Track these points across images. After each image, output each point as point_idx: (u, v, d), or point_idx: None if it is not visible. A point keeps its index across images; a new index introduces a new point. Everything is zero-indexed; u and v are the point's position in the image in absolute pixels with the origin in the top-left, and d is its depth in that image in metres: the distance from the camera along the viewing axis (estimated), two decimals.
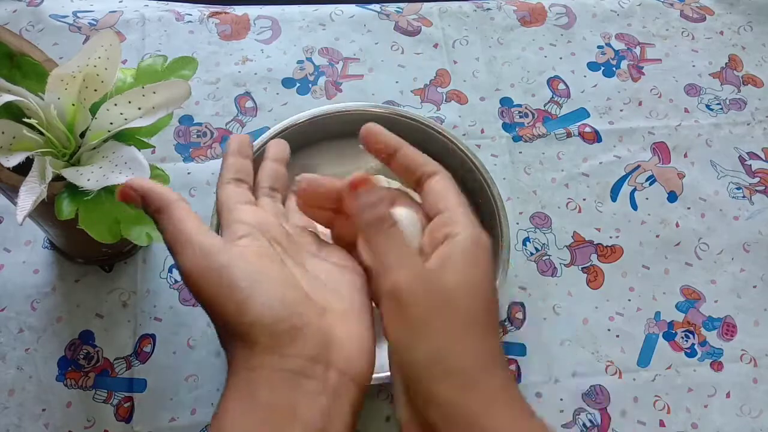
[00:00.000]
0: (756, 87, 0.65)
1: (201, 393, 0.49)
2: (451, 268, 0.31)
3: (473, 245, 0.32)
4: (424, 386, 0.30)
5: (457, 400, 0.29)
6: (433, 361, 0.29)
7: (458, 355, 0.30)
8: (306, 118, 0.54)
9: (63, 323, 0.50)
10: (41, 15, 0.61)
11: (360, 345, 0.32)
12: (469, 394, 0.29)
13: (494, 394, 0.30)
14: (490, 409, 0.29)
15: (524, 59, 0.64)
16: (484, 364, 0.30)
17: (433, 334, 0.30)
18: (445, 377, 0.29)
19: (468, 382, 0.30)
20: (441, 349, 0.30)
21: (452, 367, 0.30)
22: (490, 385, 0.30)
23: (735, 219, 0.59)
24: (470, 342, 0.30)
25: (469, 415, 0.29)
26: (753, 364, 0.53)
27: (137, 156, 0.38)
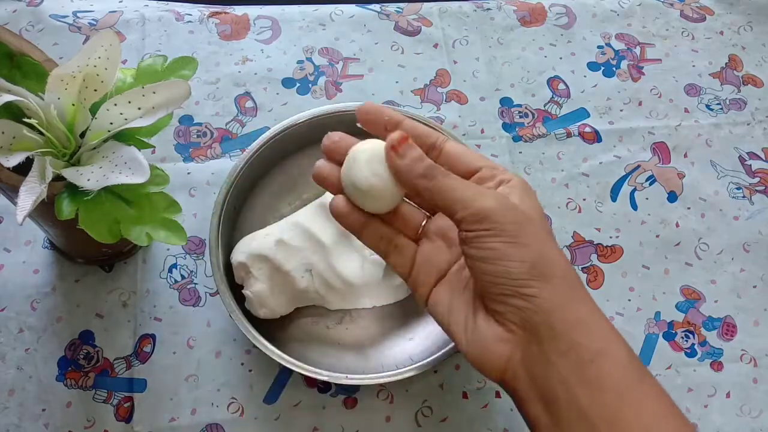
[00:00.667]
0: (756, 87, 0.65)
1: (201, 393, 0.49)
2: (518, 199, 0.36)
3: (526, 186, 0.38)
4: (525, 290, 0.33)
5: (562, 302, 0.33)
6: (535, 265, 0.33)
7: (556, 260, 0.34)
8: (306, 118, 0.54)
9: (63, 323, 0.50)
10: (41, 15, 0.61)
11: None
12: (574, 294, 0.34)
13: (590, 301, 0.34)
14: (594, 313, 0.34)
15: (524, 59, 0.64)
16: (574, 272, 0.35)
17: (530, 244, 0.33)
18: (549, 279, 0.33)
19: (572, 285, 0.34)
20: (542, 254, 0.34)
21: (555, 270, 0.33)
22: (585, 292, 0.34)
23: (735, 219, 0.59)
24: (558, 251, 0.35)
25: (576, 317, 0.33)
26: (753, 364, 0.53)
27: (137, 156, 0.38)
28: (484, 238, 0.33)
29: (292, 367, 0.45)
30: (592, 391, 0.31)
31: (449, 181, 0.34)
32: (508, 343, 0.34)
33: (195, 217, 0.54)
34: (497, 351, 0.34)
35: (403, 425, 0.49)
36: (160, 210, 0.41)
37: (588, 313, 0.34)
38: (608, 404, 0.31)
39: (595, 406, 0.31)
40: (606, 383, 0.32)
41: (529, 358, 0.33)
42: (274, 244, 0.49)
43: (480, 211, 0.33)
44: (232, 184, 0.50)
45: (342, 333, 0.51)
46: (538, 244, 0.34)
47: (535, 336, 0.33)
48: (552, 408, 0.32)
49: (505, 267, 0.33)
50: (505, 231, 0.33)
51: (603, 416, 0.31)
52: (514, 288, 0.33)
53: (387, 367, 0.48)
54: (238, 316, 0.46)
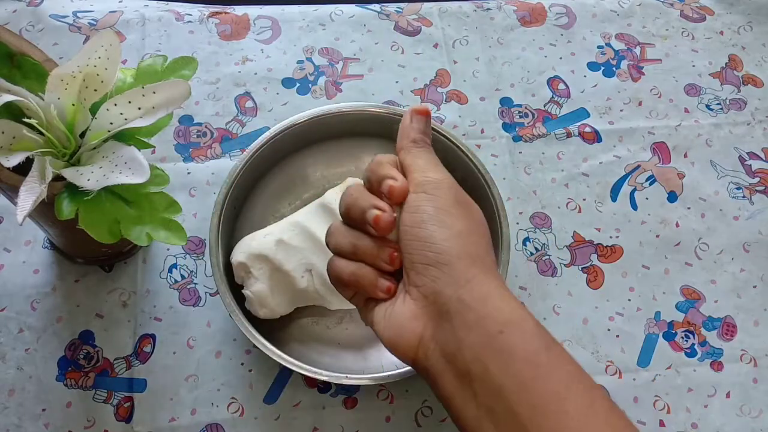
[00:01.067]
0: (756, 87, 0.65)
1: (201, 393, 0.49)
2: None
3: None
4: (445, 258, 0.34)
5: (472, 277, 0.34)
6: (457, 239, 0.35)
7: (477, 241, 0.36)
8: (306, 118, 0.54)
9: (63, 323, 0.50)
10: (41, 15, 0.61)
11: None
12: (485, 271, 0.35)
13: (500, 280, 0.36)
14: (502, 289, 0.35)
15: (524, 59, 0.64)
16: (492, 258, 0.37)
17: (460, 221, 0.36)
18: (467, 256, 0.35)
19: (485, 264, 0.35)
20: (467, 232, 0.36)
21: (473, 249, 0.35)
22: (496, 273, 0.36)
23: (735, 219, 0.59)
24: (484, 239, 0.37)
25: (485, 292, 0.34)
26: (753, 364, 0.53)
27: (137, 156, 0.38)
28: (424, 201, 0.36)
29: (292, 367, 0.45)
30: (503, 361, 0.32)
31: (423, 152, 0.39)
32: (420, 320, 0.35)
33: (195, 217, 0.54)
34: (411, 328, 0.35)
35: (403, 425, 0.49)
36: (160, 210, 0.41)
37: (498, 289, 0.35)
38: (518, 373, 0.32)
39: (507, 376, 0.32)
40: (515, 353, 0.32)
41: (441, 332, 0.34)
42: (274, 244, 0.49)
43: (427, 179, 0.37)
44: (232, 184, 0.50)
45: (342, 333, 0.51)
46: (466, 224, 0.36)
47: (445, 310, 0.34)
48: (466, 382, 0.33)
49: (431, 232, 0.35)
50: (442, 200, 0.36)
51: (514, 385, 0.32)
52: (434, 256, 0.34)
53: (387, 367, 0.48)
54: (238, 316, 0.46)
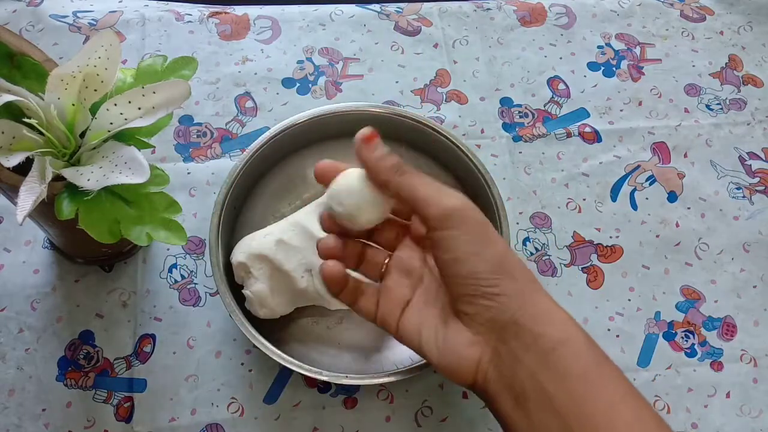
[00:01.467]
0: (756, 87, 0.65)
1: (201, 393, 0.49)
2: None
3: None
4: (493, 289, 0.34)
5: (524, 298, 0.35)
6: (499, 264, 0.35)
7: (515, 260, 0.36)
8: (306, 118, 0.54)
9: (63, 323, 0.50)
10: (41, 15, 0.61)
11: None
12: (534, 289, 0.35)
13: (548, 295, 0.36)
14: (553, 305, 0.35)
15: (524, 59, 0.64)
16: (530, 270, 0.37)
17: (494, 244, 0.35)
18: (512, 278, 0.35)
19: (531, 281, 0.36)
20: (504, 253, 0.36)
21: (515, 268, 0.35)
22: (542, 287, 0.36)
23: (735, 219, 0.59)
24: (513, 251, 0.38)
25: (538, 310, 0.35)
26: (753, 364, 0.53)
27: (137, 156, 0.38)
28: (453, 238, 0.35)
29: (292, 367, 0.45)
30: (557, 379, 0.33)
31: (416, 178, 0.36)
32: (478, 346, 0.35)
33: (195, 217, 0.54)
34: (468, 355, 0.35)
35: (403, 425, 0.49)
36: (160, 210, 0.41)
37: (547, 305, 0.35)
38: (572, 390, 0.33)
39: (561, 393, 0.33)
40: (568, 370, 0.33)
41: (498, 357, 0.34)
42: (274, 244, 0.49)
43: (447, 209, 0.35)
44: (232, 184, 0.50)
45: (342, 333, 0.51)
46: (500, 244, 0.36)
47: (502, 334, 0.34)
48: (521, 401, 0.33)
49: (473, 266, 0.35)
50: (471, 230, 0.35)
51: (567, 401, 0.32)
52: (481, 288, 0.35)
53: (387, 367, 0.48)
54: (238, 316, 0.46)
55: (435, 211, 0.35)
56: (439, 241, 0.35)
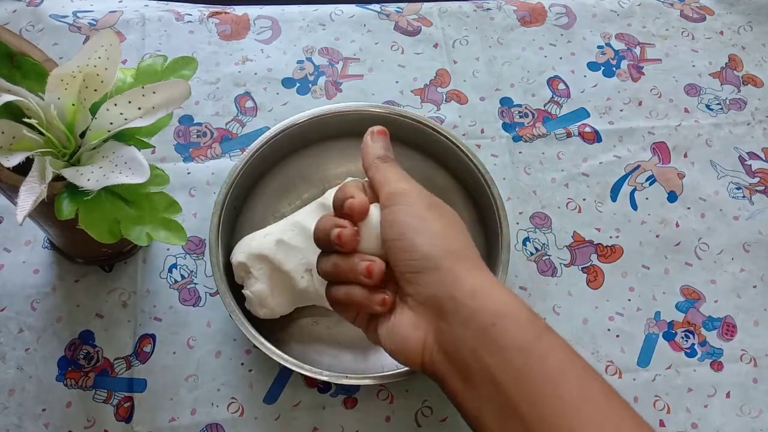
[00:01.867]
0: (756, 87, 0.65)
1: (201, 393, 0.49)
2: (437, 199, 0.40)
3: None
4: (432, 263, 0.35)
5: (462, 273, 0.35)
6: (439, 241, 0.36)
7: (458, 238, 0.37)
8: (306, 118, 0.54)
9: (63, 323, 0.50)
10: (41, 15, 0.61)
11: None
12: (473, 266, 0.36)
13: (489, 273, 0.37)
14: (492, 282, 0.36)
15: (524, 59, 0.64)
16: (476, 251, 0.38)
17: (436, 223, 0.37)
18: (451, 254, 0.36)
19: (472, 259, 0.37)
20: (445, 232, 0.37)
21: (456, 246, 0.36)
22: (484, 267, 0.37)
23: (735, 219, 0.59)
24: (462, 233, 0.38)
25: (473, 285, 0.35)
26: (753, 364, 0.53)
27: (137, 156, 0.38)
28: (398, 213, 0.37)
29: (292, 367, 0.45)
30: (498, 353, 0.33)
31: (390, 166, 0.40)
32: (421, 327, 0.36)
33: (195, 217, 0.54)
34: (413, 337, 0.36)
35: (403, 425, 0.49)
36: (160, 210, 0.41)
37: (486, 281, 0.36)
38: (513, 362, 0.33)
39: (502, 367, 0.33)
40: (508, 342, 0.33)
41: (440, 336, 0.35)
42: (274, 244, 0.49)
43: (397, 190, 0.38)
44: (232, 184, 0.50)
45: (342, 333, 0.51)
46: (442, 224, 0.37)
47: (441, 312, 0.35)
48: (467, 378, 0.34)
49: (412, 240, 0.36)
50: (415, 208, 0.37)
51: (510, 376, 0.32)
52: (420, 263, 0.36)
53: (387, 367, 0.48)
54: (238, 316, 0.46)
55: (386, 189, 0.38)
56: (387, 217, 0.37)
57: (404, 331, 0.36)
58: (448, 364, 0.35)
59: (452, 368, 0.35)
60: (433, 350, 0.35)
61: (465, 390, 0.34)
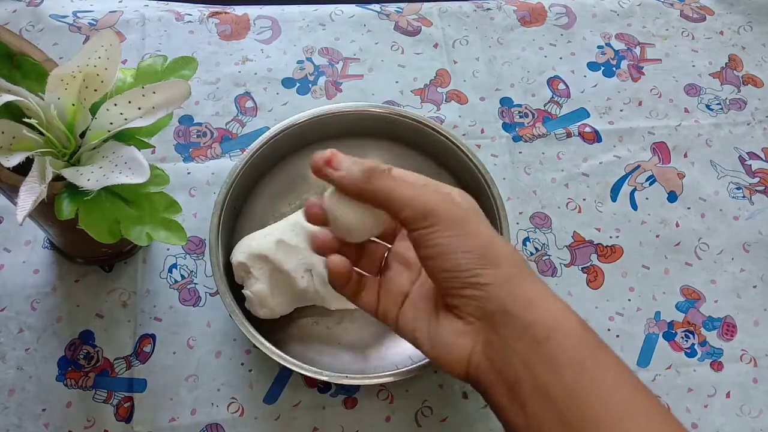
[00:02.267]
0: (756, 87, 0.65)
1: (201, 393, 0.49)
2: (459, 197, 0.38)
3: (465, 193, 0.39)
4: (478, 279, 0.34)
5: (512, 286, 0.34)
6: (482, 254, 0.34)
7: (501, 248, 0.35)
8: (306, 118, 0.54)
9: (63, 323, 0.50)
10: (41, 15, 0.61)
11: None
12: (523, 277, 0.35)
13: (540, 282, 0.35)
14: (545, 292, 0.35)
15: (524, 59, 0.64)
16: (520, 257, 0.36)
17: (474, 234, 0.35)
18: (496, 266, 0.34)
19: (520, 269, 0.35)
20: (486, 243, 0.35)
21: (501, 256, 0.35)
22: (533, 274, 0.35)
23: (735, 219, 0.59)
24: (501, 239, 0.36)
25: (528, 297, 0.34)
26: (753, 364, 0.53)
27: (137, 156, 0.38)
28: (432, 235, 0.34)
29: (292, 367, 0.45)
30: (551, 368, 0.32)
31: (389, 182, 0.35)
32: (468, 336, 0.35)
33: (195, 217, 0.54)
34: (460, 345, 0.35)
35: (403, 425, 0.49)
36: (160, 210, 0.41)
37: (538, 292, 0.35)
38: (567, 379, 0.32)
39: (555, 382, 0.32)
40: (562, 358, 0.32)
41: (489, 346, 0.34)
42: (274, 244, 0.49)
43: (423, 208, 0.35)
44: (232, 184, 0.50)
45: (342, 333, 0.51)
46: (481, 235, 0.35)
47: (491, 323, 0.34)
48: (515, 392, 0.33)
49: (454, 260, 0.34)
50: (449, 225, 0.35)
51: (563, 391, 0.32)
52: (465, 279, 0.34)
53: (387, 367, 0.48)
54: (238, 316, 0.46)
55: (410, 213, 0.35)
56: (418, 239, 0.35)
57: (449, 339, 0.35)
58: (495, 376, 0.34)
59: (499, 381, 0.34)
60: (479, 361, 0.34)
61: (513, 404, 0.33)
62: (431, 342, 0.36)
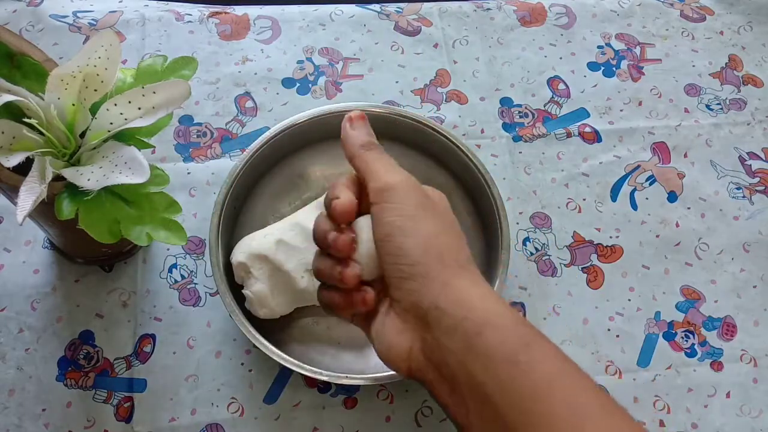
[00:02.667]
0: (756, 87, 0.65)
1: (201, 393, 0.49)
2: (430, 191, 0.38)
3: (441, 194, 0.39)
4: (418, 269, 0.34)
5: (448, 282, 0.34)
6: (429, 246, 0.34)
7: (451, 244, 0.35)
8: (306, 118, 0.54)
9: (63, 323, 0.50)
10: (41, 15, 0.61)
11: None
12: (462, 274, 0.34)
13: (480, 280, 0.35)
14: (480, 289, 0.34)
15: (524, 59, 0.64)
16: (470, 257, 0.36)
17: (427, 224, 0.35)
18: (440, 261, 0.34)
19: (462, 267, 0.35)
20: (437, 235, 0.35)
21: (447, 253, 0.35)
22: (476, 274, 0.35)
23: (735, 219, 0.59)
24: (456, 236, 0.36)
25: (463, 295, 0.33)
26: (753, 364, 0.53)
27: (137, 156, 0.38)
28: (386, 212, 0.35)
29: (292, 367, 0.45)
30: (485, 365, 0.32)
31: (375, 155, 0.37)
32: (407, 334, 0.35)
33: (195, 217, 0.54)
34: (399, 344, 0.35)
35: (403, 425, 0.49)
36: (160, 210, 0.41)
37: (473, 288, 0.34)
38: (499, 374, 0.31)
39: (489, 378, 0.31)
40: (495, 354, 0.32)
41: (425, 345, 0.34)
42: (274, 244, 0.49)
43: (386, 185, 0.36)
44: (232, 184, 0.50)
45: (342, 333, 0.51)
46: (433, 224, 0.35)
47: (426, 322, 0.34)
48: (454, 387, 0.33)
49: (400, 244, 0.34)
50: (404, 208, 0.35)
51: (499, 389, 0.31)
52: (404, 267, 0.34)
53: (386, 367, 0.48)
54: (238, 316, 0.46)
55: (375, 184, 0.36)
56: (375, 216, 0.35)
57: (390, 337, 0.35)
58: (435, 373, 0.34)
59: (439, 377, 0.34)
60: (419, 359, 0.34)
61: (452, 399, 0.33)
62: (378, 340, 0.36)
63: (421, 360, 0.34)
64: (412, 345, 0.35)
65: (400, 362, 0.35)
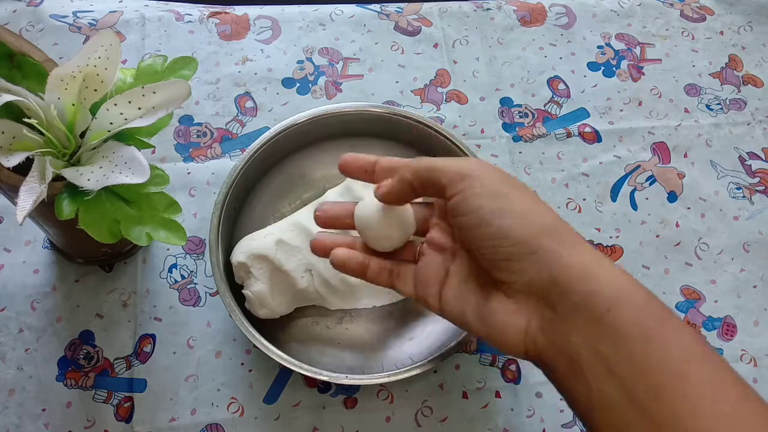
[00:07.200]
0: (756, 87, 0.65)
1: (201, 393, 0.49)
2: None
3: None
4: (524, 248, 0.32)
5: (563, 254, 0.32)
6: (527, 219, 0.33)
7: (546, 213, 0.34)
8: (306, 118, 0.54)
9: (63, 323, 0.50)
10: (41, 15, 0.61)
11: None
12: (574, 243, 0.33)
13: (592, 248, 0.33)
14: (600, 259, 0.32)
15: (524, 59, 0.64)
16: (566, 223, 0.34)
17: (517, 198, 0.33)
18: (545, 233, 0.32)
19: (569, 234, 0.33)
20: (531, 207, 0.33)
21: (548, 222, 0.33)
22: (583, 241, 0.33)
23: (735, 219, 0.59)
24: (545, 205, 0.34)
25: (582, 267, 0.32)
26: (753, 364, 0.53)
27: (137, 156, 0.38)
28: (470, 199, 0.33)
29: (292, 367, 0.45)
30: (614, 343, 0.30)
31: (429, 160, 0.36)
32: (522, 314, 0.33)
33: (195, 217, 0.54)
34: (514, 325, 0.33)
35: (403, 425, 0.49)
36: (160, 210, 0.41)
37: (594, 259, 0.32)
38: (632, 354, 0.30)
39: (620, 358, 0.30)
40: (626, 332, 0.30)
41: (546, 324, 0.32)
42: (274, 244, 0.49)
43: (460, 171, 0.34)
44: (232, 184, 0.50)
45: (342, 333, 0.51)
46: (525, 198, 0.34)
47: (545, 298, 0.32)
48: (578, 369, 0.31)
49: (497, 228, 0.33)
50: (488, 186, 0.34)
51: (630, 367, 0.30)
52: (513, 249, 0.32)
53: (387, 367, 0.48)
54: (238, 316, 0.46)
55: (448, 175, 0.34)
56: (458, 206, 0.34)
57: (503, 318, 0.33)
58: (555, 353, 0.32)
59: (560, 358, 0.32)
60: (537, 338, 0.32)
61: (577, 382, 0.31)
62: (483, 322, 0.34)
63: (540, 339, 0.33)
64: (529, 324, 0.33)
65: (517, 343, 0.33)
